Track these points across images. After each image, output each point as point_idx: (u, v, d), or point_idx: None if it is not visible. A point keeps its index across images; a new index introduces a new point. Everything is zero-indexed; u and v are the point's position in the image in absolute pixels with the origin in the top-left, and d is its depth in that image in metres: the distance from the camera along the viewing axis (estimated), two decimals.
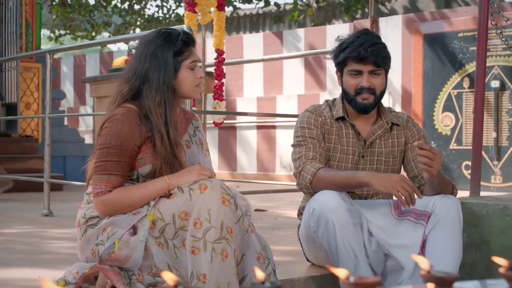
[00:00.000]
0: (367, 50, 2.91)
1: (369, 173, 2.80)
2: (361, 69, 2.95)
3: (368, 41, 2.93)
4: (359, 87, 2.97)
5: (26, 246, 3.64)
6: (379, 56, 2.93)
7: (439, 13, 9.13)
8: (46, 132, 5.38)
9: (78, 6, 15.54)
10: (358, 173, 2.81)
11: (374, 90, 2.98)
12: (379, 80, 2.99)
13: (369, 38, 2.95)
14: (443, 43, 8.61)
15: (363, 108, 3.00)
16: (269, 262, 2.61)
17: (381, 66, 2.96)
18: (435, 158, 2.67)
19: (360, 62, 2.94)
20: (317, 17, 14.11)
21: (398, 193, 2.66)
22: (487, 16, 3.31)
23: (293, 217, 5.39)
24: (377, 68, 2.95)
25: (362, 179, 2.76)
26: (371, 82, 2.97)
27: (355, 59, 2.95)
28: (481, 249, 3.23)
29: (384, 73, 3.02)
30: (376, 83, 2.98)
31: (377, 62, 2.93)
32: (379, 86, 2.99)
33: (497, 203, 3.20)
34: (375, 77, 2.98)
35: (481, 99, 3.57)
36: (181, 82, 2.73)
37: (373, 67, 2.95)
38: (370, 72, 2.96)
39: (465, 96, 8.44)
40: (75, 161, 9.08)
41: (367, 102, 2.99)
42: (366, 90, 2.97)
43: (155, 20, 16.23)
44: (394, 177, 2.69)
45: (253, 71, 10.59)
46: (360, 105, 2.99)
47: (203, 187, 2.52)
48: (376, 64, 2.94)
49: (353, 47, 2.94)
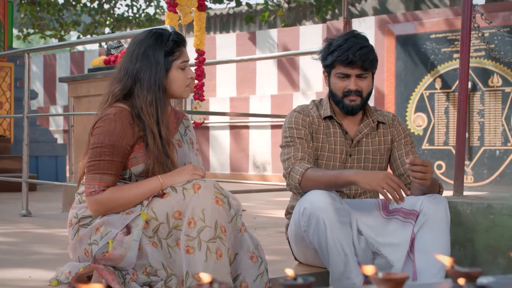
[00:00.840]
0: (355, 54, 2.95)
1: (356, 171, 2.84)
2: (349, 72, 3.00)
3: (356, 45, 2.97)
4: (347, 90, 3.02)
5: (13, 247, 3.61)
6: (367, 60, 2.97)
7: (412, 14, 9.24)
8: (25, 132, 5.35)
9: (47, 5, 15.39)
10: (345, 172, 2.85)
11: (361, 93, 3.03)
12: (366, 83, 3.03)
13: (357, 41, 2.99)
14: (416, 44, 8.72)
15: (351, 109, 3.05)
16: (262, 261, 2.64)
17: (368, 69, 3.00)
18: (427, 170, 2.72)
19: (348, 66, 2.99)
20: (288, 18, 14.17)
21: (383, 190, 2.70)
22: (470, 18, 3.36)
23: (273, 216, 5.43)
24: (364, 72, 3.00)
25: (349, 178, 2.80)
26: (358, 85, 3.01)
27: (343, 63, 2.99)
28: (466, 247, 3.29)
29: (371, 76, 3.07)
30: (363, 86, 3.02)
31: (365, 66, 2.98)
32: (366, 88, 3.04)
33: (481, 202, 3.26)
34: (362, 80, 3.02)
35: (464, 100, 3.64)
36: (172, 82, 2.74)
37: (360, 70, 2.99)
38: (358, 75, 3.00)
39: (437, 96, 8.55)
40: (48, 161, 9.02)
41: (354, 104, 3.03)
42: (354, 93, 3.01)
43: (125, 20, 16.15)
44: (379, 174, 2.73)
45: (226, 71, 10.60)
46: (348, 107, 3.04)
47: (197, 186, 2.54)
48: (363, 68, 2.98)
49: (341, 51, 2.98)
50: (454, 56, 8.43)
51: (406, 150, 3.14)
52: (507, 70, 8.10)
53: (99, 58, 5.43)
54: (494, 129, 8.19)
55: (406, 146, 3.15)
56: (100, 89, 5.25)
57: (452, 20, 8.52)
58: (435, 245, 2.82)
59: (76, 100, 5.58)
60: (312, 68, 9.82)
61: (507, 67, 8.09)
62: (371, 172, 2.78)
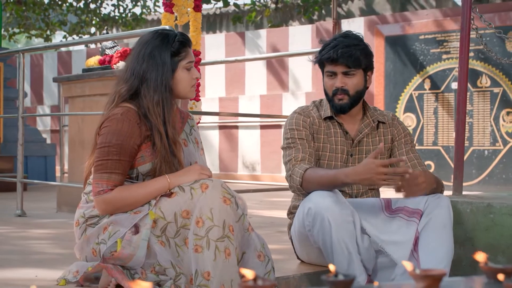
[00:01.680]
0: (338, 52, 3.02)
1: (347, 173, 2.82)
2: (335, 70, 3.07)
3: (342, 43, 3.03)
4: (335, 88, 3.07)
5: (14, 247, 3.61)
6: (350, 58, 3.02)
7: (401, 15, 9.30)
8: (19, 132, 5.34)
9: (33, 5, 15.30)
10: (341, 174, 2.86)
11: (347, 91, 3.07)
12: (353, 81, 3.07)
13: (344, 40, 3.05)
14: (405, 45, 8.78)
15: (339, 108, 3.10)
16: (269, 260, 2.66)
17: (352, 67, 3.04)
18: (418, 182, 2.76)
19: (332, 64, 3.06)
20: (275, 18, 14.20)
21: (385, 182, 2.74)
22: (469, 20, 3.40)
23: (267, 216, 5.45)
24: (349, 69, 3.04)
25: (345, 180, 2.82)
26: (345, 82, 3.06)
27: (327, 61, 3.07)
28: (465, 246, 3.33)
29: (361, 74, 3.09)
30: (349, 83, 3.07)
31: (348, 63, 3.03)
32: (353, 86, 3.08)
33: (481, 201, 3.30)
34: (349, 77, 3.07)
35: (464, 101, 3.68)
36: (178, 82, 2.76)
37: (345, 68, 3.05)
38: (344, 73, 3.05)
39: (426, 97, 8.62)
40: (37, 161, 8.99)
41: (342, 102, 3.08)
42: (340, 91, 3.06)
43: (111, 19, 16.11)
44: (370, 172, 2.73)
45: (215, 71, 10.61)
46: (336, 106, 3.10)
47: (204, 186, 2.56)
48: (348, 66, 3.03)
49: (327, 49, 3.07)
50: (443, 57, 8.50)
51: (406, 149, 3.18)
52: (496, 71, 8.18)
53: (93, 58, 5.43)
54: (482, 130, 8.27)
55: (406, 145, 3.20)
56: (95, 89, 5.26)
57: (441, 21, 8.59)
58: (439, 244, 2.86)
59: (70, 100, 5.57)
60: (301, 68, 9.86)
61: (496, 68, 8.17)
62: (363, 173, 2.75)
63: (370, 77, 3.16)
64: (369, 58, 3.11)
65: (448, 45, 8.48)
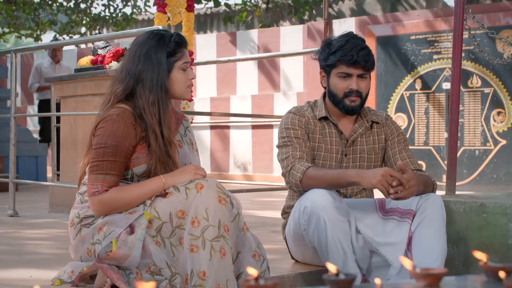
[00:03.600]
0: (358, 54, 3.01)
1: (358, 171, 2.88)
2: (351, 72, 3.05)
3: (357, 46, 3.03)
4: (348, 90, 3.06)
5: (8, 247, 3.60)
6: (369, 61, 3.04)
7: (392, 16, 9.33)
8: (11, 131, 5.34)
9: (23, 4, 15.26)
10: (348, 172, 2.89)
11: (361, 93, 3.08)
12: (365, 84, 3.09)
13: (358, 42, 3.05)
14: (396, 45, 8.81)
15: (351, 110, 3.10)
16: (263, 259, 2.67)
17: (369, 70, 3.06)
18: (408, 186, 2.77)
19: (351, 66, 3.04)
20: (265, 18, 14.21)
21: (382, 187, 2.75)
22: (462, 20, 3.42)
23: (260, 216, 5.46)
24: (365, 72, 3.06)
25: (351, 179, 2.85)
26: (359, 85, 3.06)
27: (347, 63, 3.04)
28: (459, 245, 3.34)
29: (369, 76, 3.13)
30: (363, 86, 3.08)
31: (367, 66, 3.04)
32: (365, 89, 3.10)
33: (474, 201, 3.32)
34: (363, 80, 3.08)
35: (457, 101, 3.70)
36: (173, 83, 2.77)
37: (362, 71, 3.05)
38: (359, 75, 3.06)
39: (417, 97, 8.64)
40: (28, 161, 8.96)
41: (355, 105, 3.08)
42: (355, 93, 3.06)
43: (102, 19, 16.08)
44: (379, 172, 2.76)
45: (206, 71, 10.61)
46: (348, 107, 3.09)
47: (199, 186, 2.56)
48: (365, 68, 3.04)
49: (345, 51, 3.03)
50: (434, 57, 8.53)
51: (399, 149, 3.20)
52: (486, 71, 8.21)
53: (85, 58, 5.43)
54: (473, 130, 8.30)
55: (399, 145, 3.21)
56: (87, 89, 5.25)
57: (432, 21, 8.62)
58: (433, 243, 2.88)
59: (62, 100, 5.57)
60: (293, 68, 9.88)
61: (486, 68, 8.21)
62: (371, 171, 2.82)
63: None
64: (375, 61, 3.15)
65: (439, 45, 8.51)
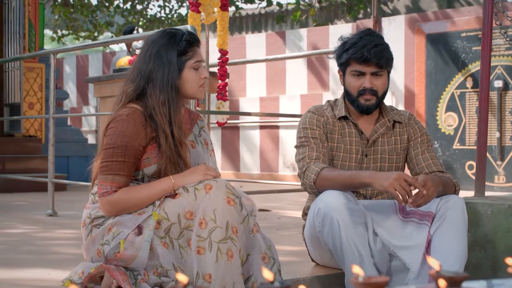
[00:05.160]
0: (370, 51, 2.92)
1: (371, 173, 2.80)
2: (364, 70, 2.97)
3: (371, 42, 2.94)
4: (362, 88, 2.98)
5: (33, 247, 3.64)
6: (382, 58, 2.94)
7: (442, 13, 9.13)
8: (50, 132, 5.38)
9: (80, 6, 15.54)
10: (361, 173, 2.82)
11: (376, 92, 2.99)
12: (381, 81, 3.00)
13: (372, 39, 2.96)
14: (446, 43, 8.61)
15: (366, 109, 3.01)
16: (274, 261, 2.61)
17: (384, 67, 2.97)
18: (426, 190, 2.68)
19: (363, 64, 2.95)
20: (319, 17, 14.11)
21: (395, 191, 2.66)
22: (491, 15, 3.30)
23: (297, 217, 5.39)
24: (379, 70, 2.96)
25: (364, 180, 2.77)
26: (373, 83, 2.97)
27: (358, 60, 2.96)
28: (486, 249, 3.22)
29: (386, 74, 3.03)
30: (378, 84, 2.99)
31: (380, 63, 2.94)
32: (381, 87, 3.00)
33: (502, 203, 3.20)
34: (378, 78, 2.99)
35: (486, 99, 3.57)
36: (185, 82, 2.73)
37: (375, 68, 2.96)
38: (373, 73, 2.97)
39: (468, 96, 8.44)
40: (79, 161, 9.09)
41: (370, 103, 3.00)
42: (369, 91, 2.98)
43: (158, 20, 16.23)
44: (393, 175, 2.69)
45: (256, 71, 10.59)
46: (363, 106, 3.01)
47: (208, 187, 2.52)
48: (378, 66, 2.95)
49: (357, 48, 2.95)
50: None
51: (422, 149, 3.10)
52: None
53: (124, 58, 5.46)
54: None
55: (422, 145, 3.11)
56: None
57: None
58: (452, 247, 2.77)
59: (101, 100, 5.61)
60: None
61: None
62: (385, 174, 2.74)
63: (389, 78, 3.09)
64: (393, 58, 3.04)
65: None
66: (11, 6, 8.52)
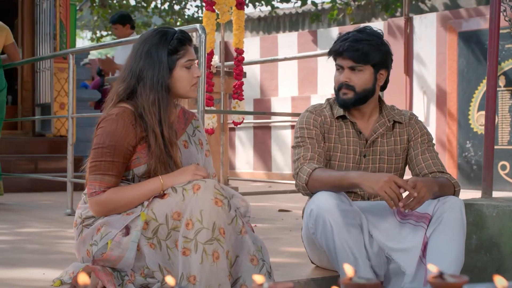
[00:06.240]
0: (345, 45, 2.90)
1: (361, 174, 2.73)
2: (341, 64, 2.95)
3: (352, 37, 2.91)
4: (340, 82, 2.95)
5: (38, 246, 3.65)
6: (356, 52, 2.88)
7: (475, 10, 8.96)
8: (69, 132, 5.43)
9: (118, 7, 15.68)
10: (350, 174, 2.75)
11: (352, 87, 2.94)
12: (360, 76, 2.93)
13: (356, 35, 2.92)
14: (479, 40, 8.44)
15: (342, 103, 2.98)
16: (263, 263, 2.56)
17: (359, 62, 2.90)
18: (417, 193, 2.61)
19: (340, 57, 2.94)
20: (356, 16, 13.98)
21: (385, 194, 2.60)
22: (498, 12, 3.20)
23: None
24: (356, 64, 2.90)
25: (353, 181, 2.71)
26: (350, 77, 2.93)
27: (334, 53, 2.96)
28: (491, 252, 3.13)
29: (370, 71, 2.94)
30: (355, 79, 2.93)
31: (354, 57, 2.89)
32: (359, 82, 2.93)
33: (508, 204, 3.10)
34: (356, 73, 2.93)
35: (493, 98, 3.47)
36: (176, 81, 2.71)
37: (351, 63, 2.92)
38: (350, 68, 2.92)
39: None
40: None
41: (346, 98, 2.96)
42: (345, 86, 2.94)
43: (195, 20, 16.29)
44: (383, 177, 2.62)
45: (288, 70, 10.54)
46: (340, 100, 2.98)
47: (196, 187, 2.49)
48: (354, 60, 2.89)
49: (336, 42, 2.97)
50: None
51: (422, 149, 3.01)
52: None
53: None
54: None
55: (423, 145, 3.03)
56: None
57: None
58: (448, 250, 2.69)
59: None
60: None
61: None
62: (375, 175, 2.67)
63: (383, 76, 3.00)
64: (381, 55, 2.95)
65: None
66: (42, 7, 8.62)
